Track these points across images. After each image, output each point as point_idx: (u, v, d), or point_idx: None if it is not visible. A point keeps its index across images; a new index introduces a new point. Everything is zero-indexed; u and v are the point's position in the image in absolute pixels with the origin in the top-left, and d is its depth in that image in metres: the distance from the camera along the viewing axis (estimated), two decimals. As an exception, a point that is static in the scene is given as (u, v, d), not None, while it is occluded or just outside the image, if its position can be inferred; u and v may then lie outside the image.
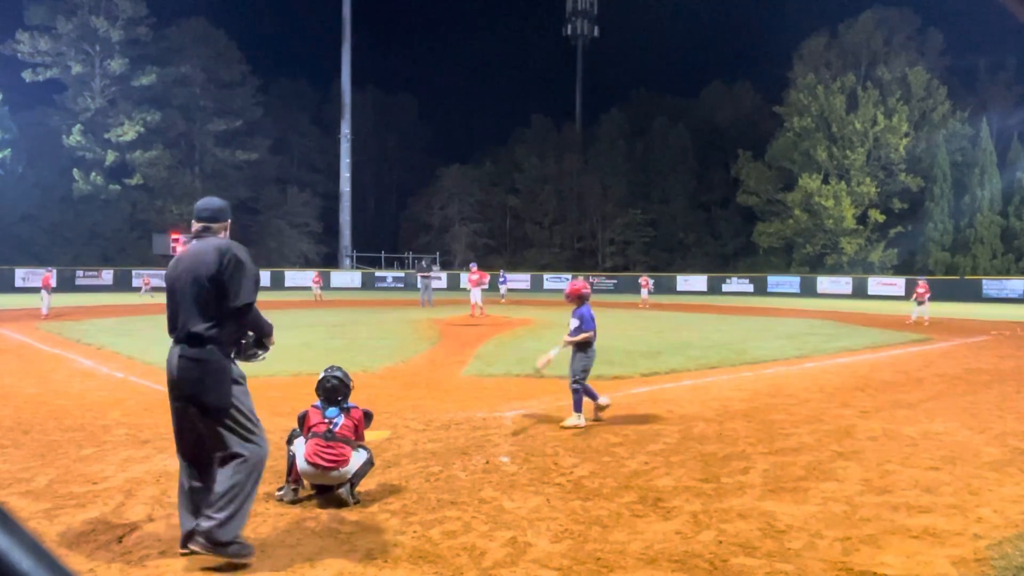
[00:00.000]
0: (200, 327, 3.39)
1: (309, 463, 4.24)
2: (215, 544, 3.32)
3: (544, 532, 3.84)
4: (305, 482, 4.41)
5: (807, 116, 45.40)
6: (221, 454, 3.44)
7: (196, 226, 3.65)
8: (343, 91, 54.01)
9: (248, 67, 52.87)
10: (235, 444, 3.43)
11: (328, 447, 4.26)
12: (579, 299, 6.69)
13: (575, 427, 6.31)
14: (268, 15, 76.91)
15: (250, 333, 3.63)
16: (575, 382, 6.42)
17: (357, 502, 4.28)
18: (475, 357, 11.38)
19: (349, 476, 4.27)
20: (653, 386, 8.78)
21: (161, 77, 46.12)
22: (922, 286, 19.95)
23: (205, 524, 3.33)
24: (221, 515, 3.33)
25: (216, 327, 3.41)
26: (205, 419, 3.42)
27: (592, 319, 6.58)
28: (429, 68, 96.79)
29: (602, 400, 6.69)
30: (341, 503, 4.25)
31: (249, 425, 3.48)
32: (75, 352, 11.66)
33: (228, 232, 3.73)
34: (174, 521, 3.92)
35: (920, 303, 19.64)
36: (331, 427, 4.35)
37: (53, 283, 20.61)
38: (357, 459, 4.36)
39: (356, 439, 4.46)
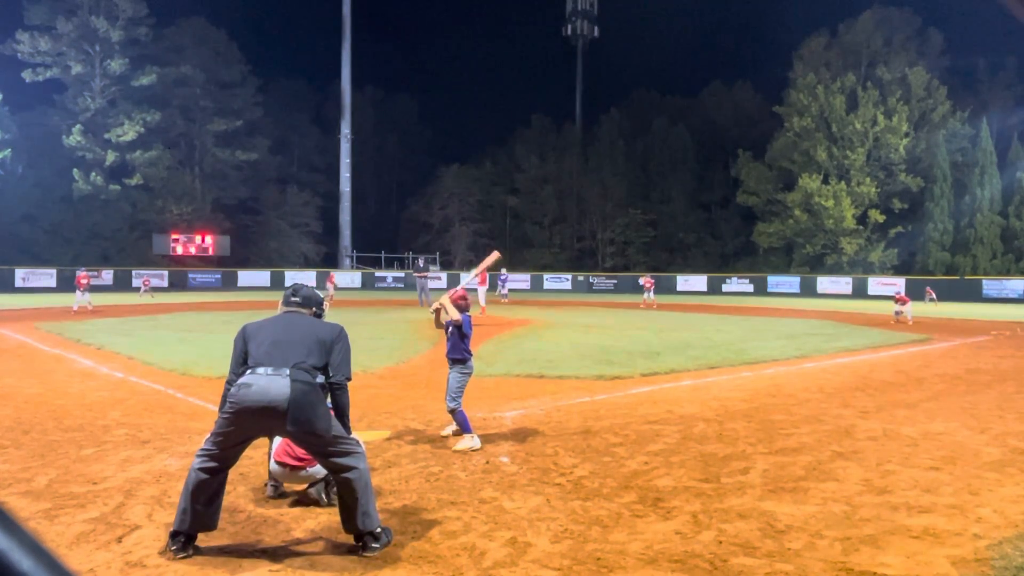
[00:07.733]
0: (313, 365, 3.68)
1: (277, 462, 4.26)
2: (372, 538, 3.60)
3: (544, 532, 3.84)
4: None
5: (807, 116, 45.37)
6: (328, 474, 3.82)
7: (284, 309, 4.06)
8: (343, 91, 53.91)
9: (248, 67, 52.72)
10: (343, 459, 3.62)
11: (296, 447, 4.25)
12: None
13: (470, 449, 5.56)
14: (268, 15, 76.60)
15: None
16: (453, 401, 5.72)
17: (331, 504, 4.21)
18: (475, 357, 11.32)
19: (319, 476, 4.23)
20: (653, 386, 8.78)
21: (161, 77, 45.99)
22: (900, 297, 21.25)
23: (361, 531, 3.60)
24: (370, 511, 3.62)
25: (320, 376, 3.71)
26: (307, 441, 3.64)
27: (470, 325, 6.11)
28: (429, 68, 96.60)
29: (450, 431, 6.07)
30: (314, 503, 4.25)
31: (348, 444, 3.69)
32: (75, 352, 11.65)
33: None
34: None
35: (902, 304, 20.59)
36: None
37: (88, 282, 21.92)
38: None
39: None
